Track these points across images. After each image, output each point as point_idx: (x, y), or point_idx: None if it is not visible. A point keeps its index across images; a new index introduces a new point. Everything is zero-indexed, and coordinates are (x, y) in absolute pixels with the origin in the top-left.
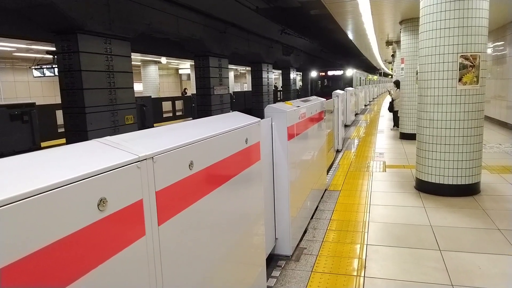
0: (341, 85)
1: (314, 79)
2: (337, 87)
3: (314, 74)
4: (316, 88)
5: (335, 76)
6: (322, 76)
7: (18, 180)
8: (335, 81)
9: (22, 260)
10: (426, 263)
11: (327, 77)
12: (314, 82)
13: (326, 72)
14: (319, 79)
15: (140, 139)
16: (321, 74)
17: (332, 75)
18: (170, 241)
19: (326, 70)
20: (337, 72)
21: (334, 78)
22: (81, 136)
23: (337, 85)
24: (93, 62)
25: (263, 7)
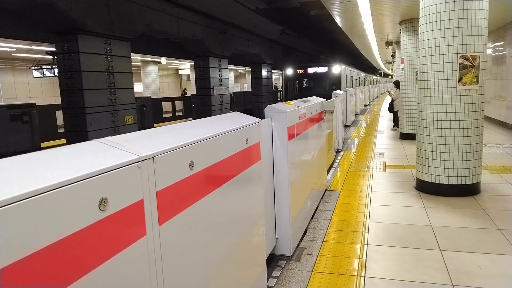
0: (326, 86)
1: (289, 78)
2: (320, 89)
3: (290, 72)
4: (293, 91)
5: (317, 75)
6: (300, 74)
7: (19, 180)
8: (318, 81)
9: (24, 259)
10: (427, 263)
11: (307, 76)
12: (290, 82)
13: (305, 69)
14: (296, 79)
15: (140, 139)
16: (298, 72)
17: (314, 73)
18: (170, 241)
19: (305, 67)
20: (320, 69)
21: (316, 77)
22: (81, 136)
23: (320, 86)
24: (93, 63)
25: (263, 8)
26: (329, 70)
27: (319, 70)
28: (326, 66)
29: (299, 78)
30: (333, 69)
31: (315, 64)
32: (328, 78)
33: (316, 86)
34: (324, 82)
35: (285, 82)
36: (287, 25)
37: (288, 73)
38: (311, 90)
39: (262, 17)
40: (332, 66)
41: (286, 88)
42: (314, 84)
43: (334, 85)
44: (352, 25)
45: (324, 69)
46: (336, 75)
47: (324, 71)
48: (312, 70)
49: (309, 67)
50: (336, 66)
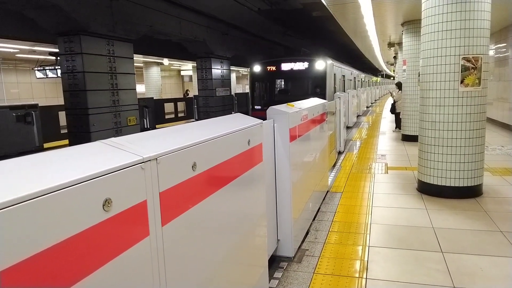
0: (307, 88)
1: (257, 77)
2: (299, 93)
3: (258, 70)
4: (263, 96)
5: (294, 73)
6: (272, 72)
7: (24, 181)
8: (296, 82)
9: (29, 259)
10: (428, 265)
11: (281, 75)
12: (259, 84)
13: (277, 66)
14: (266, 79)
15: (144, 141)
16: (269, 70)
17: (290, 70)
18: (173, 241)
19: (277, 62)
20: (297, 65)
21: (293, 76)
22: (84, 137)
23: (299, 88)
24: (96, 64)
25: (265, 9)
26: (310, 67)
27: (296, 67)
28: (306, 61)
29: (270, 77)
30: (316, 65)
31: (291, 59)
32: (310, 78)
33: (294, 88)
34: (304, 83)
35: (251, 84)
36: (289, 27)
37: (255, 71)
38: (287, 94)
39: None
40: (314, 61)
41: (253, 92)
42: (291, 85)
43: (317, 87)
44: (354, 26)
45: (303, 65)
46: (320, 74)
47: (303, 67)
48: (287, 67)
49: (283, 62)
50: (320, 61)
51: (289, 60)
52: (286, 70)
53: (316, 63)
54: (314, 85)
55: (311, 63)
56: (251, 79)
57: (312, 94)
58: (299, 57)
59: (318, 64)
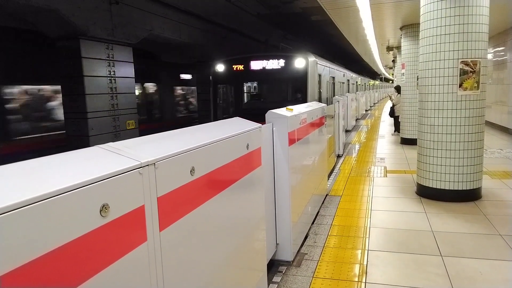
0: (286, 93)
1: (220, 79)
2: (276, 99)
3: (221, 70)
4: (226, 105)
5: (267, 73)
6: (239, 73)
7: (21, 187)
8: (270, 85)
9: (25, 265)
10: (428, 268)
11: (250, 75)
12: (222, 88)
13: (246, 65)
14: (232, 81)
15: (142, 145)
16: (235, 69)
17: (261, 71)
18: (171, 246)
19: (245, 60)
20: (271, 62)
21: (266, 78)
22: (83, 141)
23: (275, 93)
24: (95, 68)
25: (264, 13)
26: (287, 65)
27: (270, 65)
28: (282, 58)
29: (237, 79)
30: (294, 62)
31: (263, 55)
32: (286, 79)
33: (267, 92)
34: (280, 86)
35: (213, 88)
36: (288, 30)
37: (218, 71)
38: (259, 100)
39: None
40: (291, 57)
41: (216, 98)
42: (263, 89)
43: (297, 91)
44: (353, 30)
45: (278, 62)
46: (299, 74)
47: (278, 66)
48: (257, 65)
49: (253, 59)
50: (299, 58)
51: (260, 57)
52: (257, 69)
53: (295, 61)
54: (292, 89)
55: (287, 60)
56: (212, 82)
57: (291, 100)
58: (273, 53)
59: (297, 61)
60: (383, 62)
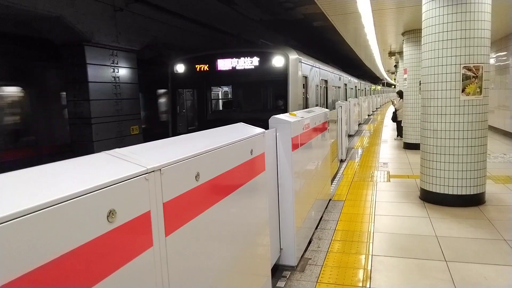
0: (261, 99)
1: (179, 82)
2: (251, 107)
3: (181, 70)
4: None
5: (239, 74)
6: (203, 74)
7: (29, 193)
8: (242, 89)
9: (34, 271)
10: (432, 274)
11: (218, 78)
12: (183, 93)
13: (212, 64)
14: (195, 83)
15: (147, 151)
16: (198, 70)
17: (231, 71)
18: (176, 251)
19: (211, 58)
20: (243, 61)
21: (237, 80)
22: (87, 146)
23: (248, 99)
24: (100, 74)
25: (266, 19)
26: (262, 64)
27: (241, 64)
28: (256, 55)
29: (200, 82)
30: (272, 61)
31: (233, 52)
32: (262, 82)
33: (240, 99)
34: (254, 91)
35: (172, 92)
36: (291, 37)
37: (177, 72)
38: (229, 109)
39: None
40: (268, 54)
41: (175, 106)
42: (235, 94)
43: (276, 97)
44: (355, 36)
45: (251, 61)
46: (278, 75)
47: (252, 65)
48: (226, 64)
49: (220, 57)
50: (277, 56)
51: (228, 54)
52: (225, 70)
53: (272, 58)
54: (270, 94)
55: (263, 58)
56: (171, 86)
57: (269, 109)
58: (244, 48)
59: (274, 59)
60: (385, 67)
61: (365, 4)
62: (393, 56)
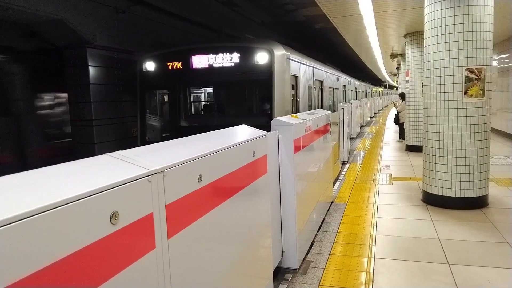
0: (242, 102)
1: (149, 82)
2: (232, 111)
3: (151, 68)
4: (160, 121)
5: (217, 73)
6: (176, 72)
7: (33, 195)
8: (221, 90)
9: (37, 273)
10: (435, 277)
11: (193, 77)
12: (153, 95)
13: (185, 61)
14: (168, 85)
15: (150, 153)
16: (170, 68)
17: (208, 69)
18: (179, 254)
19: (184, 54)
20: (222, 57)
21: (214, 80)
22: (89, 148)
23: (229, 102)
24: (102, 76)
25: (268, 21)
26: (244, 61)
27: (219, 62)
28: (236, 51)
29: (173, 82)
30: (255, 57)
31: (209, 47)
32: (244, 82)
33: (218, 103)
34: (236, 93)
35: (140, 94)
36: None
37: (146, 71)
38: (206, 114)
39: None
40: (251, 50)
41: (144, 110)
42: (214, 96)
43: (260, 99)
44: (357, 38)
45: (232, 57)
46: (261, 74)
47: (231, 63)
48: (201, 61)
49: (195, 53)
50: (261, 51)
51: (204, 49)
52: (201, 68)
53: (254, 54)
54: (252, 96)
55: (244, 53)
56: (139, 87)
57: (252, 115)
58: (224, 43)
59: (257, 55)
60: (387, 69)
61: (367, 6)
62: (395, 58)
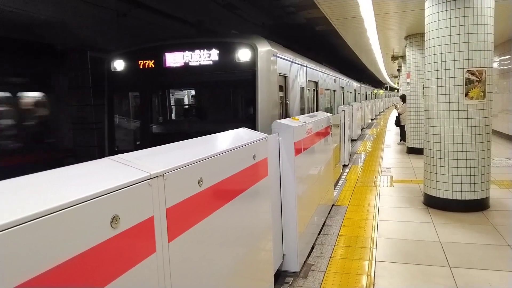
0: (224, 107)
1: (118, 83)
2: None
3: (120, 68)
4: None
5: (193, 73)
6: (148, 72)
7: (34, 199)
8: (199, 92)
9: (38, 277)
10: (436, 280)
11: (167, 78)
12: (122, 99)
13: (158, 59)
14: (138, 87)
15: (151, 157)
16: (143, 66)
17: (183, 69)
18: (179, 257)
19: (159, 49)
20: (198, 54)
21: (191, 81)
22: (89, 151)
23: (208, 108)
24: (102, 79)
25: (269, 24)
26: (224, 58)
27: (196, 59)
28: (214, 46)
29: (144, 82)
30: (237, 54)
31: (184, 43)
32: (223, 83)
33: (195, 108)
34: (214, 96)
35: (108, 95)
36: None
37: (115, 70)
38: (180, 121)
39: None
40: (231, 45)
41: (112, 116)
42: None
43: (245, 102)
44: (357, 40)
45: (211, 54)
46: (243, 73)
47: (210, 61)
48: (176, 59)
49: (169, 50)
50: (242, 48)
51: (180, 45)
52: (176, 67)
53: (236, 51)
54: (233, 100)
55: (224, 50)
56: (107, 88)
57: (234, 121)
58: (200, 38)
59: (239, 52)
60: (388, 71)
61: (368, 8)
62: (396, 60)
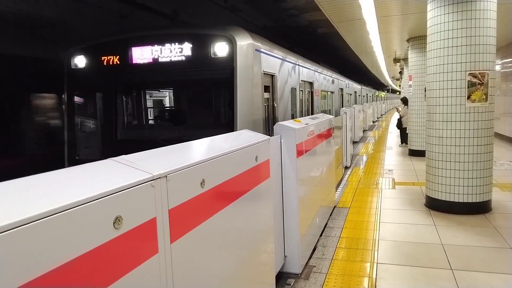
0: (198, 111)
1: (78, 80)
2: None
3: (80, 64)
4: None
5: (162, 70)
6: (112, 69)
7: (37, 200)
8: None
9: (41, 277)
10: (438, 282)
11: (134, 75)
12: (84, 99)
13: (124, 52)
14: (101, 86)
15: (154, 158)
16: (106, 63)
17: (152, 64)
18: (181, 258)
19: (124, 43)
20: (169, 49)
21: (161, 80)
22: None
23: (180, 111)
24: None
25: (271, 26)
26: (198, 52)
27: (166, 54)
28: (188, 40)
29: (107, 80)
30: (212, 48)
31: (153, 35)
32: (201, 83)
33: (170, 110)
34: (193, 97)
35: (68, 95)
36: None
37: (76, 67)
38: (148, 126)
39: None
40: (207, 37)
41: (72, 119)
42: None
43: (222, 105)
44: (359, 42)
45: (183, 48)
46: (221, 71)
47: (183, 56)
48: (144, 54)
49: (137, 43)
50: (219, 41)
51: (148, 38)
52: (144, 63)
53: (211, 45)
54: (214, 101)
55: (198, 43)
56: (67, 87)
57: (216, 124)
58: (171, 29)
59: (215, 46)
60: (390, 74)
61: (370, 11)
62: (398, 62)
